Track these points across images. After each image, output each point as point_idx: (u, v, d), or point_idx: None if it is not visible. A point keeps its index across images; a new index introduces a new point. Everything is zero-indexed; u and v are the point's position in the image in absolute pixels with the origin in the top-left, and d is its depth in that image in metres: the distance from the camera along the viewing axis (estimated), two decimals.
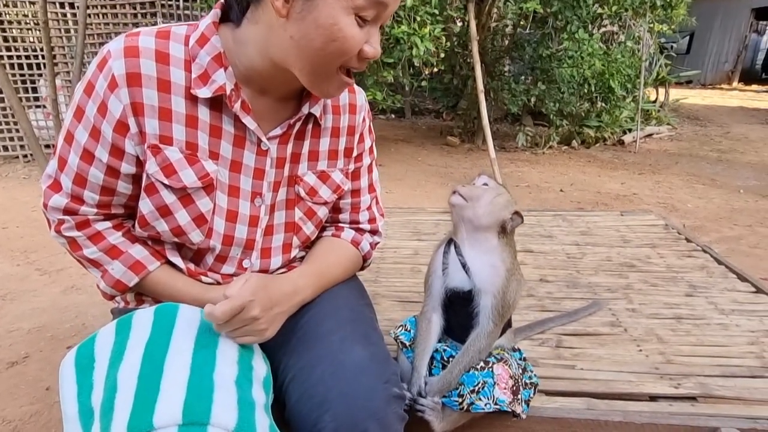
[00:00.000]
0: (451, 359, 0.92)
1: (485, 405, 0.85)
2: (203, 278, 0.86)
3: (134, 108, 0.73)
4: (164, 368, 0.66)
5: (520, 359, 0.99)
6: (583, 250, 1.79)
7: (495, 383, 0.87)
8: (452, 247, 0.94)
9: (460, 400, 0.87)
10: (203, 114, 0.77)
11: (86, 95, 0.75)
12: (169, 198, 0.78)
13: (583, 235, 1.94)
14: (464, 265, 0.91)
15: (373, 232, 1.03)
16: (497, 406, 0.86)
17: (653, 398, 1.03)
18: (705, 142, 6.47)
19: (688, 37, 14.41)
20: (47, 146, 4.63)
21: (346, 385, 0.74)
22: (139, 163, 0.78)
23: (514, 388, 0.89)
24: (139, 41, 0.73)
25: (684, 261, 1.69)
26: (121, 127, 0.74)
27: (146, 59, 0.73)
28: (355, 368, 0.76)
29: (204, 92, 0.75)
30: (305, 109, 0.84)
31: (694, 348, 1.19)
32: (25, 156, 4.79)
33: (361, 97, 0.96)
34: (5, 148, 4.81)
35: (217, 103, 0.77)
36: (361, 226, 1.01)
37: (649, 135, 6.66)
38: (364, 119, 0.96)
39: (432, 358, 0.95)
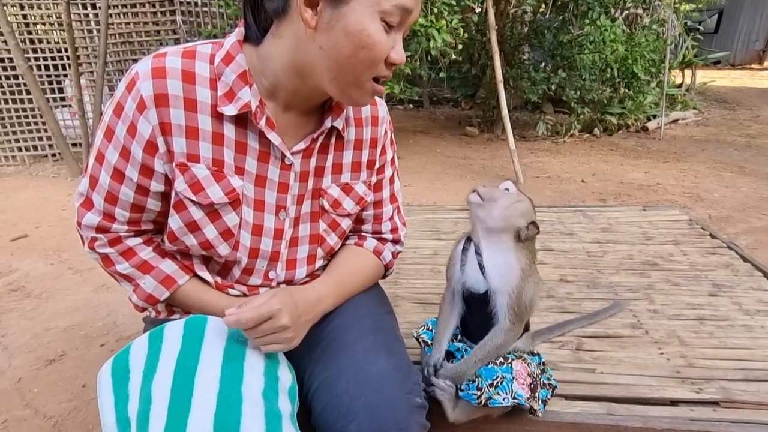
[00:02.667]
0: (477, 377, 0.93)
1: (503, 399, 0.87)
2: (230, 290, 0.90)
3: (162, 128, 0.75)
4: (195, 381, 0.70)
5: (539, 363, 1.00)
6: (604, 248, 1.77)
7: (514, 378, 0.89)
8: (471, 245, 0.95)
9: (479, 393, 0.89)
10: (229, 131, 0.79)
11: (116, 116, 0.77)
12: (197, 214, 0.80)
13: (604, 231, 1.92)
14: (481, 266, 0.93)
15: (395, 241, 1.05)
16: (515, 401, 0.87)
17: (674, 403, 1.03)
18: (733, 127, 6.26)
19: (716, 16, 13.84)
20: (74, 145, 4.78)
21: (371, 396, 0.77)
22: (168, 182, 0.80)
23: (532, 385, 0.90)
24: (166, 62, 0.75)
25: (708, 258, 1.66)
26: (151, 148, 0.77)
27: (173, 79, 0.74)
28: (379, 379, 0.79)
29: (230, 110, 0.76)
30: (328, 123, 0.85)
31: (716, 351, 1.18)
32: (54, 155, 4.95)
33: (382, 109, 0.97)
34: (35, 148, 4.97)
35: (242, 120, 0.79)
36: (383, 236, 1.03)
37: (675, 121, 6.47)
38: (386, 131, 0.98)
39: (452, 356, 0.97)
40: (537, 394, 0.91)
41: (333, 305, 0.92)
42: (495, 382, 0.88)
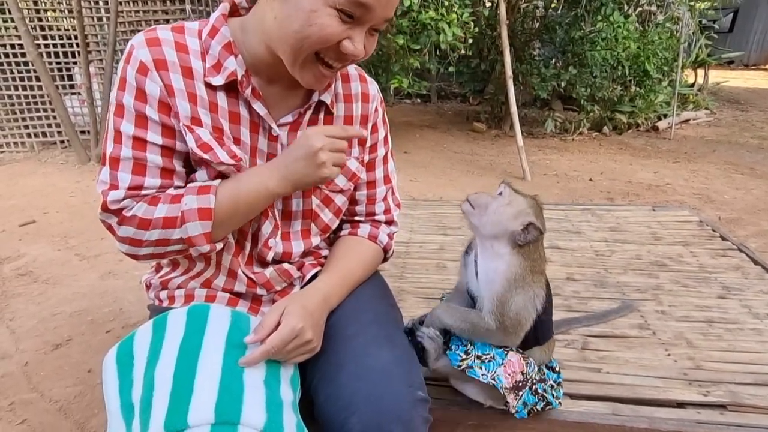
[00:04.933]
0: (470, 344, 0.93)
1: (482, 375, 0.86)
2: (239, 270, 0.90)
3: (167, 90, 0.77)
4: (197, 368, 0.70)
5: (548, 378, 0.96)
6: (612, 247, 1.76)
7: (502, 364, 0.87)
8: (473, 251, 0.95)
9: (464, 357, 0.88)
10: (222, 101, 0.81)
11: (121, 91, 0.77)
12: (212, 172, 0.80)
13: (613, 231, 1.90)
14: (476, 272, 0.92)
15: (389, 222, 1.05)
16: (493, 382, 0.86)
17: (681, 405, 1.02)
18: (746, 128, 6.18)
19: (731, 15, 13.62)
20: (83, 132, 4.79)
21: (373, 388, 0.76)
22: None
23: (520, 383, 0.88)
24: (158, 33, 0.78)
25: (718, 260, 1.64)
26: (164, 107, 0.77)
27: (168, 48, 0.77)
28: (381, 372, 0.79)
29: (217, 80, 0.79)
30: (315, 97, 0.86)
31: (725, 354, 1.17)
32: (62, 142, 4.97)
33: (373, 87, 0.98)
34: (43, 134, 4.99)
35: (232, 90, 0.81)
36: (376, 218, 1.03)
37: (686, 120, 6.39)
38: (376, 109, 0.98)
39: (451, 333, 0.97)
40: (521, 394, 0.88)
41: (338, 301, 0.92)
42: (484, 357, 0.88)
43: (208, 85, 0.79)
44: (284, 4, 0.72)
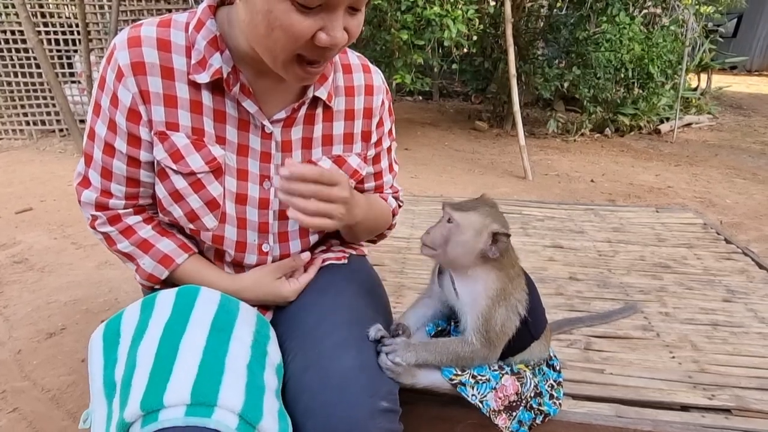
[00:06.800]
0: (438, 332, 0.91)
1: (471, 396, 0.83)
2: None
3: (142, 96, 0.75)
4: (179, 349, 0.69)
5: (547, 380, 0.94)
6: (616, 247, 1.74)
7: (495, 388, 0.85)
8: (446, 272, 0.90)
9: (459, 372, 0.84)
10: (206, 99, 0.78)
11: (100, 90, 0.78)
12: (179, 183, 0.79)
13: (616, 231, 1.88)
14: (454, 287, 0.87)
15: (395, 198, 1.06)
16: (480, 405, 0.83)
17: (685, 408, 1.00)
18: (748, 133, 6.17)
19: (735, 20, 13.59)
20: (81, 121, 4.75)
21: (330, 395, 0.71)
22: None
23: (513, 404, 0.86)
24: (141, 31, 0.75)
25: (723, 263, 1.62)
26: (134, 116, 0.76)
27: (148, 47, 0.74)
28: (340, 378, 0.72)
29: (203, 77, 0.75)
30: (310, 92, 0.82)
31: (730, 357, 1.15)
32: (61, 130, 4.93)
33: (378, 77, 0.93)
34: (42, 122, 4.95)
35: (218, 88, 0.78)
36: (383, 195, 1.04)
37: (688, 124, 6.37)
38: (383, 102, 0.93)
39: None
40: (515, 414, 0.86)
41: (361, 217, 0.86)
42: (480, 377, 0.85)
43: (192, 83, 0.76)
44: (246, 5, 0.68)
